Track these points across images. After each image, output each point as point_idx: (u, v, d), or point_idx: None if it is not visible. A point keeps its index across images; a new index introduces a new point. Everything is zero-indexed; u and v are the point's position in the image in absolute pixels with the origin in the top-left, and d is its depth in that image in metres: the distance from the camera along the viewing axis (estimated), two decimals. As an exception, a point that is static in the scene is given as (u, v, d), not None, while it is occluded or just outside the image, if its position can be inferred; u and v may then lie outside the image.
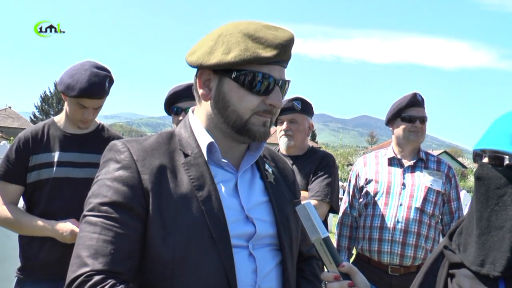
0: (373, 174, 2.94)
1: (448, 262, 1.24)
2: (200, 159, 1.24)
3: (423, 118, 2.87)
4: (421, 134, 2.88)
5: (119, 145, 1.23)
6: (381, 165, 2.97)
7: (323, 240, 1.20)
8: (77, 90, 2.19)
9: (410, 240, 2.73)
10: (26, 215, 2.24)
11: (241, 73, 1.20)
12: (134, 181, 1.16)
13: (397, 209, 2.78)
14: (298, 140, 2.87)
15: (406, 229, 2.73)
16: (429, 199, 2.78)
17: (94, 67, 2.27)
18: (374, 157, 3.05)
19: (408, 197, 2.79)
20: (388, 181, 2.87)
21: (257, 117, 1.24)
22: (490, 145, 1.15)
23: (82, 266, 1.07)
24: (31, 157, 2.26)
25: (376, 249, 2.78)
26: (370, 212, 2.86)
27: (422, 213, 2.76)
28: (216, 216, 1.18)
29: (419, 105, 2.88)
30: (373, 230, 2.81)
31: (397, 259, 2.73)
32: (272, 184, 1.38)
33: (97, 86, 2.23)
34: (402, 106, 2.89)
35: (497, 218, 1.11)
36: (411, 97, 2.89)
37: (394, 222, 2.76)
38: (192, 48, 1.31)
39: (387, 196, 2.83)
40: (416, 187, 2.81)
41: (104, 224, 1.11)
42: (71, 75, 2.22)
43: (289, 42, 1.22)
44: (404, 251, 2.72)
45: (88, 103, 2.27)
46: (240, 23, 1.26)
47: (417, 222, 2.74)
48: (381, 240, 2.77)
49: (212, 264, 1.14)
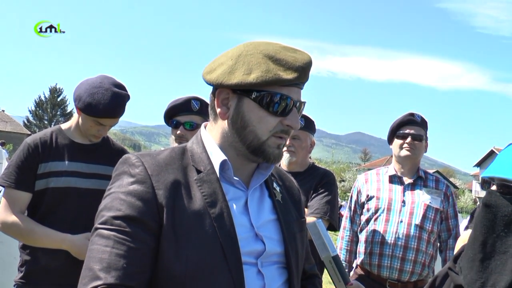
0: (375, 191, 3.02)
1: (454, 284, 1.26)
2: (213, 176, 1.25)
3: (416, 135, 2.94)
4: (414, 150, 2.95)
5: (133, 159, 1.23)
6: (382, 182, 3.05)
7: (332, 258, 1.21)
8: (99, 111, 2.18)
9: (410, 255, 2.82)
10: (39, 226, 2.17)
11: (261, 94, 1.21)
12: (148, 196, 1.16)
13: (397, 225, 2.86)
14: (300, 156, 2.90)
15: (406, 245, 2.83)
16: (428, 216, 2.87)
17: (114, 85, 2.26)
18: (375, 175, 3.13)
19: (408, 214, 2.88)
20: (389, 198, 2.96)
21: (273, 139, 1.25)
22: (498, 173, 1.18)
23: (95, 279, 1.07)
24: (40, 164, 2.22)
25: (376, 263, 2.87)
26: (372, 228, 2.93)
27: (421, 230, 2.85)
28: (228, 233, 1.19)
29: (414, 124, 2.98)
30: (374, 245, 2.89)
31: (396, 274, 2.82)
32: (280, 203, 1.39)
33: (119, 108, 2.24)
34: (396, 124, 3.02)
35: (501, 244, 1.14)
36: (405, 116, 3.02)
37: (395, 238, 2.84)
38: (209, 65, 1.32)
39: (388, 213, 2.91)
40: (416, 204, 2.90)
41: (117, 237, 1.11)
42: (90, 94, 2.19)
43: (308, 65, 1.25)
44: (403, 266, 2.81)
45: (107, 122, 2.27)
46: (259, 43, 1.28)
47: (416, 239, 2.84)
48: (381, 254, 2.86)
49: (223, 281, 1.15)
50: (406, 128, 2.98)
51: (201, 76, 1.31)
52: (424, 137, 3.00)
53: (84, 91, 2.22)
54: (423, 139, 2.97)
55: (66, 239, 2.13)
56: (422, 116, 3.03)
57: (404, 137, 2.97)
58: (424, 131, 3.01)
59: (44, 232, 2.15)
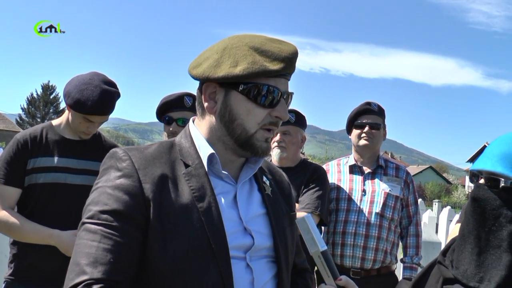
0: (336, 181, 3.07)
1: (443, 277, 1.27)
2: (201, 170, 1.25)
3: (373, 124, 2.97)
4: (372, 139, 2.98)
5: (121, 153, 1.23)
6: (343, 173, 3.10)
7: (321, 253, 1.21)
8: (87, 108, 2.17)
9: (371, 244, 2.86)
10: (28, 221, 2.16)
11: (249, 86, 1.21)
12: (135, 190, 1.16)
13: (358, 214, 2.92)
14: (290, 152, 2.89)
15: (367, 233, 2.88)
16: (388, 204, 2.93)
17: (103, 82, 2.24)
18: (336, 165, 3.18)
19: (369, 203, 2.93)
20: (349, 188, 3.01)
21: (261, 132, 1.25)
22: (486, 167, 1.18)
23: (81, 274, 1.06)
24: (30, 160, 2.22)
25: (339, 253, 2.91)
26: (333, 218, 2.98)
27: (382, 218, 2.91)
28: (215, 227, 1.18)
29: (371, 113, 3.01)
30: (336, 235, 2.94)
31: (359, 262, 2.87)
32: (269, 197, 1.39)
33: (108, 105, 2.23)
34: (354, 114, 3.05)
35: (494, 238, 1.15)
36: (362, 105, 3.05)
37: (356, 227, 2.89)
38: (195, 61, 1.31)
39: (348, 203, 2.97)
40: (376, 193, 2.96)
41: (104, 232, 1.11)
42: (80, 90, 2.19)
43: (295, 55, 1.24)
44: (365, 254, 2.86)
45: (96, 119, 2.27)
46: (244, 36, 1.28)
47: (377, 227, 2.89)
48: (343, 244, 2.90)
49: (211, 275, 1.15)
50: (363, 117, 3.01)
51: (187, 72, 1.31)
52: (382, 125, 3.03)
53: (73, 88, 2.22)
54: (380, 127, 3.00)
55: (54, 234, 2.12)
56: (379, 105, 3.06)
57: (361, 126, 2.99)
58: (381, 119, 3.04)
59: (33, 228, 2.14)
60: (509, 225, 1.13)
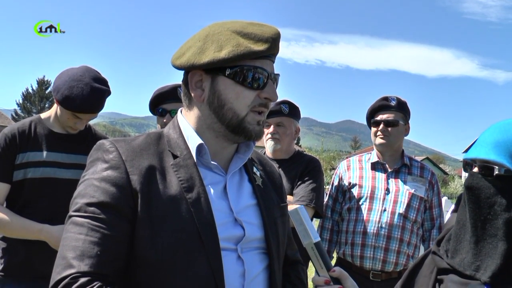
0: (357, 178, 2.93)
1: (437, 268, 1.26)
2: (189, 161, 1.23)
3: (389, 121, 2.85)
4: (388, 137, 2.85)
5: (107, 145, 1.21)
6: (364, 169, 2.96)
7: (314, 244, 1.20)
8: (75, 106, 2.14)
9: (393, 246, 2.73)
10: (17, 217, 2.14)
11: (235, 69, 1.20)
12: (122, 182, 1.14)
13: (380, 214, 2.77)
14: (284, 143, 2.86)
15: (389, 235, 2.74)
16: (412, 205, 2.79)
17: (94, 80, 2.21)
18: (357, 161, 3.04)
19: (392, 203, 2.79)
20: (372, 186, 2.86)
21: (252, 115, 1.24)
22: (480, 155, 1.17)
23: (68, 267, 1.05)
24: (18, 155, 2.19)
25: (359, 254, 2.78)
26: (353, 217, 2.85)
27: (405, 219, 2.77)
28: (205, 218, 1.17)
29: (388, 109, 2.87)
30: (356, 235, 2.80)
31: (379, 265, 2.73)
32: (260, 187, 1.38)
33: (97, 104, 2.19)
34: (370, 111, 2.95)
35: (491, 227, 1.15)
36: (378, 101, 2.92)
37: (378, 228, 2.75)
38: (178, 51, 1.30)
39: (370, 201, 2.82)
40: (400, 192, 2.81)
41: (90, 225, 1.09)
42: (69, 87, 2.15)
43: (278, 36, 1.24)
44: (387, 256, 2.73)
45: (84, 116, 2.24)
46: (224, 22, 1.27)
47: (400, 228, 2.75)
48: (364, 245, 2.76)
49: (201, 267, 1.13)
50: (379, 114, 2.89)
51: (171, 64, 1.29)
52: (402, 121, 2.87)
53: (63, 83, 2.19)
54: (398, 124, 2.85)
55: (44, 229, 2.11)
56: (398, 99, 2.91)
57: (377, 124, 2.89)
58: (401, 114, 2.87)
59: (22, 223, 2.12)
60: (504, 214, 1.12)
